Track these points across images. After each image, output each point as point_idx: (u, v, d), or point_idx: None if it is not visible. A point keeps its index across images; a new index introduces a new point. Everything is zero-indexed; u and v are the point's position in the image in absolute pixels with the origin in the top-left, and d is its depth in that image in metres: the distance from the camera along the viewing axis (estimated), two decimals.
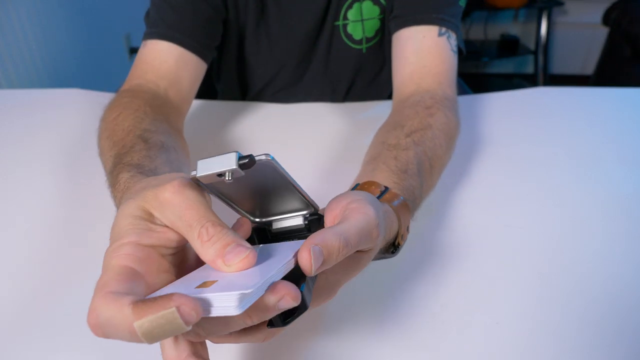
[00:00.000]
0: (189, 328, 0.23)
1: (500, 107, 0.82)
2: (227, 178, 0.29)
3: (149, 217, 0.30)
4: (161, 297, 0.23)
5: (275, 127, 0.77)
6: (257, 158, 0.29)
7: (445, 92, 0.63)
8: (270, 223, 0.37)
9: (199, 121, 0.79)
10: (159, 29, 0.65)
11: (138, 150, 0.45)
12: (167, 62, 0.64)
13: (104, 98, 0.86)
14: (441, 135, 0.56)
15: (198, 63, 0.67)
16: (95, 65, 2.06)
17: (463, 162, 0.67)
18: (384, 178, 0.45)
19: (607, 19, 2.25)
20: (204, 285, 0.26)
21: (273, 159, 0.29)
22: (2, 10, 1.55)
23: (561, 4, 2.68)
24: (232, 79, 0.86)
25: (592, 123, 0.76)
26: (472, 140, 0.72)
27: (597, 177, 0.64)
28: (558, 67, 2.92)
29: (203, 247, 0.28)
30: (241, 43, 0.79)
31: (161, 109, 0.58)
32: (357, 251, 0.33)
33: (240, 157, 0.29)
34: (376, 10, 0.74)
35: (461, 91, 1.03)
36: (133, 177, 0.40)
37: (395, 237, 0.41)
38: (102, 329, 0.24)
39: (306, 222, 0.36)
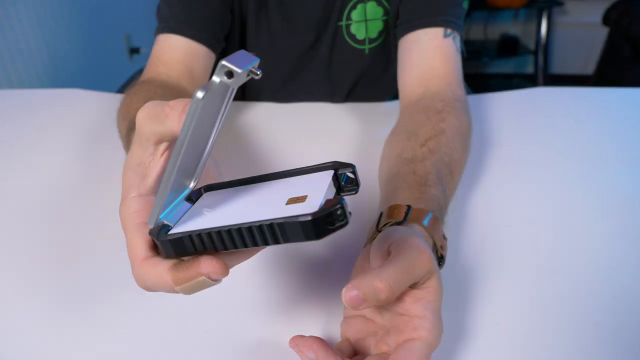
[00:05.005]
0: (220, 282, 0.29)
1: (500, 107, 0.82)
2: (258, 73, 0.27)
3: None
4: (193, 265, 0.28)
5: (273, 127, 0.77)
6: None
7: (455, 92, 0.63)
8: None
9: None
10: (168, 23, 0.67)
11: None
12: (176, 55, 0.66)
13: (104, 98, 0.86)
14: (455, 139, 0.56)
15: (208, 54, 0.68)
16: (96, 65, 2.05)
17: None
18: (405, 197, 0.46)
19: (607, 19, 2.26)
20: (298, 200, 0.28)
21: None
22: (2, 10, 1.54)
23: (561, 4, 2.69)
24: None
25: (592, 123, 0.76)
26: (472, 140, 0.72)
27: (597, 177, 0.64)
28: (558, 67, 2.93)
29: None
30: (243, 36, 0.79)
31: (176, 96, 0.59)
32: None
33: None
34: (380, 11, 0.74)
35: None
36: None
37: (436, 252, 0.42)
38: (150, 290, 0.30)
39: None
